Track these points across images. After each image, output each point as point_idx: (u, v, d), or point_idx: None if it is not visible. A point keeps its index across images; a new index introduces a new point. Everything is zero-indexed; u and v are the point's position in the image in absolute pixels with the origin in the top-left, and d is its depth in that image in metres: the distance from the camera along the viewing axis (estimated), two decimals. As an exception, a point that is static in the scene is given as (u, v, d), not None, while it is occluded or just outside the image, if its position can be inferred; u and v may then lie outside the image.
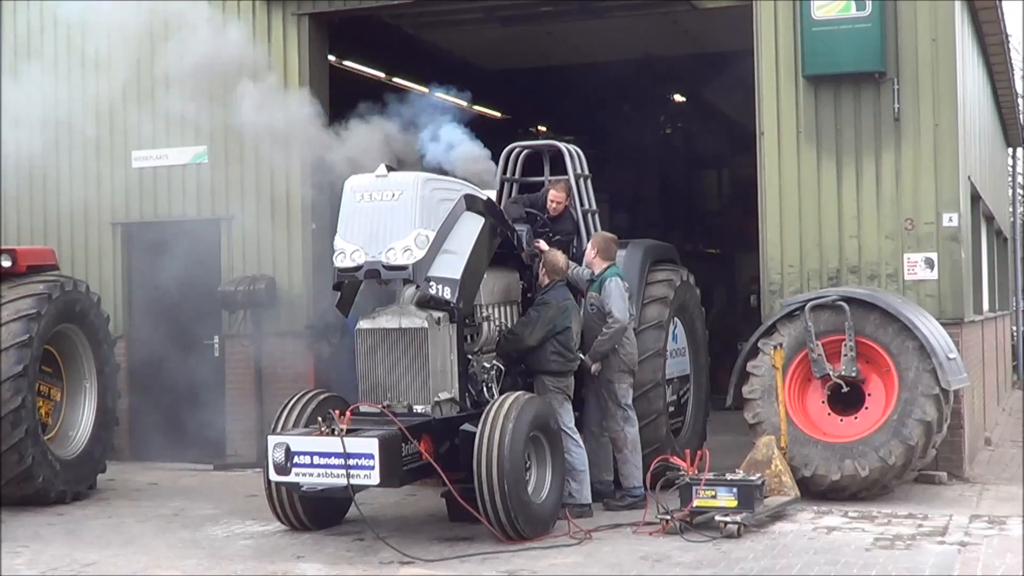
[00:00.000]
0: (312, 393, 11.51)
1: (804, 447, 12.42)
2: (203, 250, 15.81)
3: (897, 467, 12.23)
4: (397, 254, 10.73)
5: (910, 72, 13.76)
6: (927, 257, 13.65)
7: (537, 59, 21.06)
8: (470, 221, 11.41)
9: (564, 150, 13.64)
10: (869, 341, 12.56)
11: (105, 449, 14.04)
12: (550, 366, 11.79)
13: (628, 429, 12.25)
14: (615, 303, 12.08)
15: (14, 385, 12.43)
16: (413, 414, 10.85)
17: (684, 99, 25.69)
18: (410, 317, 11.07)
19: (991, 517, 11.48)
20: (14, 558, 10.59)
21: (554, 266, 12.17)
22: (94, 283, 15.22)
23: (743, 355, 13.20)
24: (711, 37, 18.42)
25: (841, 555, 10.02)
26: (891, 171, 13.80)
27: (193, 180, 16.17)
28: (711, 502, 11.01)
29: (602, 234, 12.74)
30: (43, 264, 13.75)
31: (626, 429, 12.25)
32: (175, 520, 12.27)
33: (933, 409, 12.23)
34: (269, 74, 14.78)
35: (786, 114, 14.15)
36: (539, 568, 9.80)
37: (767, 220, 14.21)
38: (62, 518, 12.48)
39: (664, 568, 9.74)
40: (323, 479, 10.16)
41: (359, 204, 11.00)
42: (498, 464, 10.39)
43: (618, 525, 11.33)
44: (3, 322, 12.58)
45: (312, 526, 11.34)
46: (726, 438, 14.58)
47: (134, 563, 10.35)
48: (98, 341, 13.93)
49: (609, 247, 12.50)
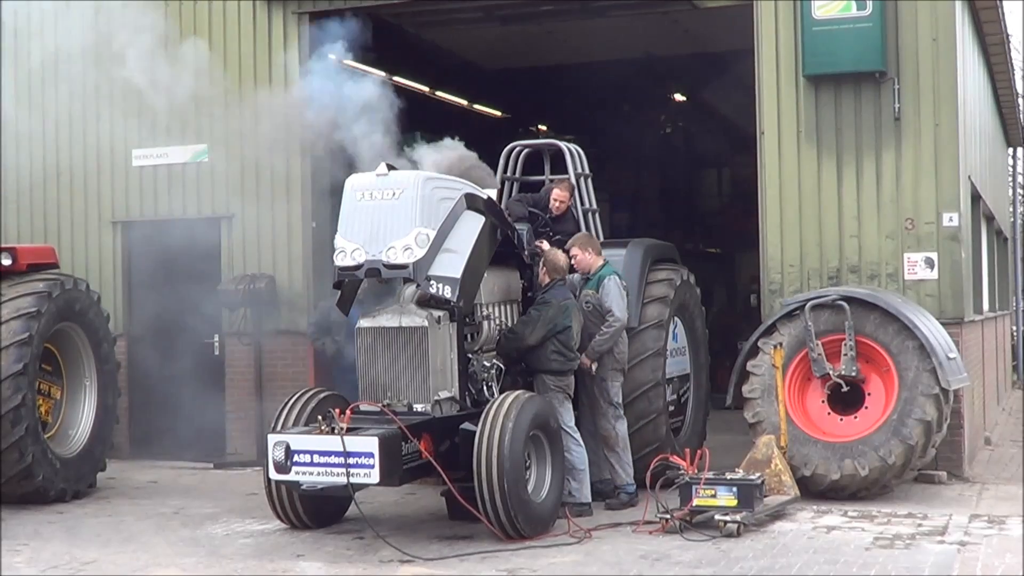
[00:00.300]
0: (312, 392, 11.51)
1: (804, 446, 12.43)
2: (203, 248, 15.82)
3: (897, 467, 12.24)
4: (397, 253, 10.73)
5: (911, 72, 13.76)
6: (927, 257, 13.65)
7: (537, 58, 21.05)
8: (471, 220, 11.41)
9: (565, 149, 13.65)
10: (869, 341, 12.57)
11: (105, 447, 14.04)
12: (551, 365, 11.79)
13: (619, 427, 12.29)
14: (614, 301, 12.09)
15: (14, 383, 12.43)
16: (413, 413, 10.84)
17: (684, 98, 25.68)
18: (410, 316, 11.06)
19: (991, 517, 11.49)
20: (14, 556, 10.60)
21: (555, 265, 12.17)
22: (94, 282, 15.23)
23: (743, 354, 13.21)
24: (711, 37, 18.42)
25: (840, 554, 10.02)
26: (891, 171, 13.80)
27: (194, 178, 16.17)
28: (711, 501, 11.01)
29: (583, 234, 12.76)
30: (43, 262, 13.76)
31: (617, 427, 12.28)
32: (175, 518, 12.27)
33: (933, 409, 12.23)
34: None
35: (786, 114, 14.15)
36: (539, 567, 9.80)
37: (767, 219, 14.21)
38: (62, 516, 12.48)
39: (664, 567, 9.74)
40: (323, 478, 10.15)
41: (359, 203, 10.99)
42: (498, 463, 10.39)
43: (618, 524, 11.33)
44: (3, 320, 12.58)
45: (312, 524, 11.34)
46: (726, 437, 14.59)
47: (134, 561, 10.36)
48: (98, 339, 13.93)
49: (595, 243, 12.55)
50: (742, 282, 26.62)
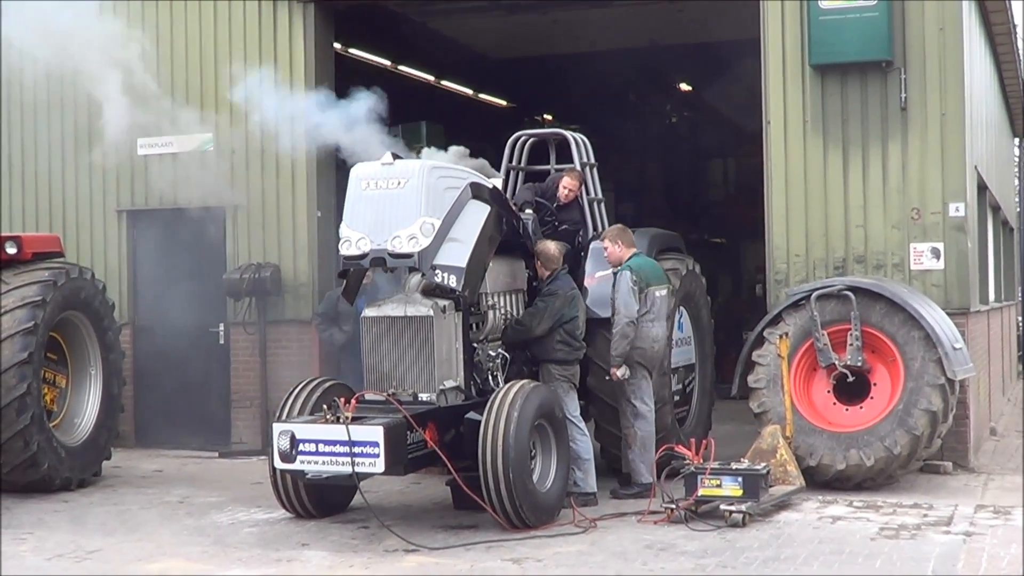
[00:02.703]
0: (317, 381, 11.51)
1: (809, 436, 12.41)
2: (208, 238, 15.82)
3: (902, 457, 12.22)
4: (403, 242, 10.73)
5: (917, 61, 13.71)
6: (933, 247, 13.62)
7: (543, 48, 21.02)
8: (476, 209, 11.41)
9: (570, 139, 13.63)
10: (875, 331, 12.55)
11: (110, 436, 14.05)
12: (556, 354, 11.78)
13: (639, 425, 12.18)
14: (621, 298, 11.98)
15: (19, 372, 12.43)
16: (418, 402, 10.85)
17: (690, 88, 25.65)
18: (415, 305, 11.06)
19: (996, 507, 11.47)
20: (19, 544, 10.61)
21: (548, 256, 12.11)
22: (99, 270, 15.24)
23: (748, 344, 13.18)
24: (717, 26, 18.37)
25: (846, 544, 10.02)
26: (897, 160, 13.76)
27: (199, 167, 16.15)
28: (716, 491, 11.00)
29: (616, 226, 12.63)
30: (48, 251, 13.75)
31: (636, 425, 12.18)
32: (180, 507, 12.28)
33: (939, 399, 12.21)
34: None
35: (793, 103, 14.12)
36: (544, 556, 9.80)
37: (773, 209, 14.17)
38: (67, 505, 12.49)
39: (669, 557, 9.74)
40: (328, 467, 10.15)
41: (365, 192, 10.99)
42: (503, 452, 10.39)
43: (623, 514, 11.32)
44: (9, 309, 12.58)
45: (317, 514, 11.35)
46: (731, 427, 14.60)
47: (139, 550, 10.36)
48: (103, 328, 13.93)
49: (627, 235, 12.46)
50: (748, 272, 26.59)
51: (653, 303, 12.18)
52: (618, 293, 12.02)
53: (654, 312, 12.20)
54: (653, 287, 12.21)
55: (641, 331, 12.07)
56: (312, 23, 15.84)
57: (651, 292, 12.17)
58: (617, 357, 11.92)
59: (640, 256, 12.38)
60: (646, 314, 12.10)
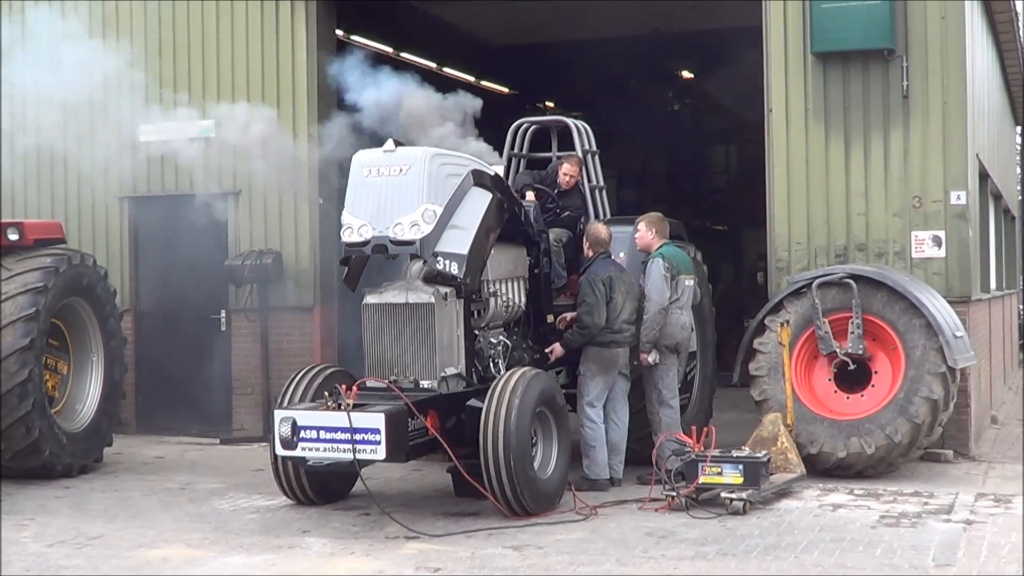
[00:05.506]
0: (319, 368, 11.52)
1: (810, 424, 12.42)
2: (210, 224, 15.80)
3: (903, 445, 12.23)
4: (404, 229, 10.72)
5: (919, 49, 13.70)
6: (935, 235, 13.61)
7: (544, 34, 21.01)
8: (478, 196, 11.40)
9: (572, 126, 13.63)
10: (876, 319, 12.55)
11: (112, 422, 14.06)
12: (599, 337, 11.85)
13: (663, 412, 12.28)
14: (653, 285, 12.07)
15: (21, 358, 12.44)
16: (419, 389, 10.85)
17: (692, 75, 25.61)
18: (417, 292, 11.06)
19: (997, 495, 11.48)
20: (20, 531, 10.62)
21: (597, 238, 12.21)
22: (101, 257, 15.25)
23: (750, 332, 13.19)
24: (719, 14, 18.35)
25: (847, 532, 10.03)
26: (899, 148, 13.75)
27: (200, 154, 16.12)
28: (717, 479, 11.01)
29: (655, 213, 12.73)
30: (50, 238, 13.75)
31: (661, 412, 12.28)
32: (181, 494, 12.30)
33: (940, 387, 12.22)
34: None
35: (794, 91, 14.10)
36: (545, 543, 9.81)
37: (775, 197, 14.17)
38: (68, 491, 12.51)
39: (669, 544, 9.75)
40: (329, 454, 10.16)
41: (367, 179, 10.98)
42: (504, 439, 10.40)
43: (624, 501, 11.34)
44: (10, 295, 12.58)
45: (318, 501, 11.36)
46: (732, 415, 14.60)
47: (140, 536, 10.38)
48: (105, 315, 13.94)
49: (664, 225, 12.50)
50: (749, 259, 26.57)
51: (684, 291, 12.30)
52: (650, 280, 12.09)
53: (683, 300, 12.33)
54: (683, 275, 12.32)
55: (671, 318, 12.19)
56: (314, 12, 15.80)
57: (681, 280, 12.30)
58: (647, 343, 12.04)
59: (670, 245, 12.46)
60: (675, 301, 12.21)
